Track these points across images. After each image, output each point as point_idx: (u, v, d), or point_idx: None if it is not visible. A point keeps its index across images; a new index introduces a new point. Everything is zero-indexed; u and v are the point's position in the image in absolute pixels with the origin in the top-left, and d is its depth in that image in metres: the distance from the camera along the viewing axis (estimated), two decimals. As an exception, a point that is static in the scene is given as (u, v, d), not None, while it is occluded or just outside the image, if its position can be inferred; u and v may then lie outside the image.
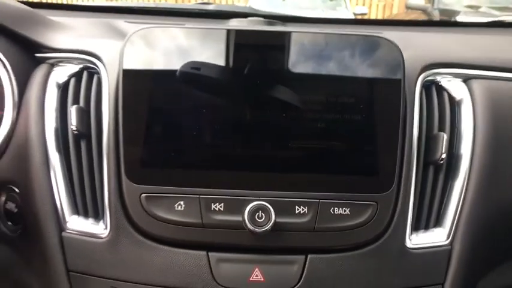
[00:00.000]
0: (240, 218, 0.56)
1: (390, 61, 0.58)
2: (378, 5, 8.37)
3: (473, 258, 0.61)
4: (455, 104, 0.65)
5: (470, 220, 0.61)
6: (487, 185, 0.62)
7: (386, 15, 7.94)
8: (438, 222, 0.62)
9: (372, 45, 0.58)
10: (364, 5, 8.28)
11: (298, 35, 0.58)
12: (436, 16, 4.61)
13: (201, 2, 1.35)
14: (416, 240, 0.60)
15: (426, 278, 0.58)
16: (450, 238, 0.60)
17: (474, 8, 4.73)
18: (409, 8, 5.48)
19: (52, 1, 2.07)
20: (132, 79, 0.58)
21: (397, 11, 7.78)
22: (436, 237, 0.61)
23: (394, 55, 0.58)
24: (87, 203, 0.61)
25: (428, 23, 1.75)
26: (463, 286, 0.59)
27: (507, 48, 0.77)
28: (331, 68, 0.58)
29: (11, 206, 0.66)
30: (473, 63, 0.67)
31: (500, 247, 0.67)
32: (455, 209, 0.61)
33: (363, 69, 0.58)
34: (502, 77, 0.68)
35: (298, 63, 0.58)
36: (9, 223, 0.67)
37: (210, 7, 1.05)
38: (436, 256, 0.60)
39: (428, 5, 5.37)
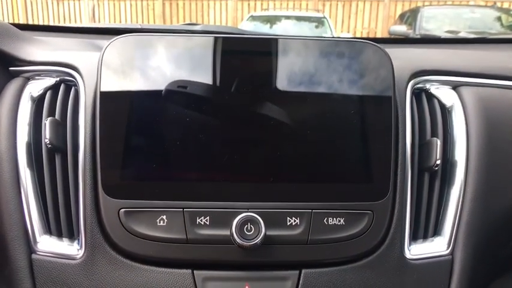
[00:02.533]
0: (227, 232, 0.52)
1: (379, 66, 0.57)
2: (362, 32, 8.63)
3: (476, 268, 0.58)
4: (446, 111, 0.64)
5: (470, 227, 0.58)
6: (485, 190, 0.59)
7: (370, 43, 8.18)
8: (437, 231, 0.59)
9: (360, 51, 0.57)
10: (348, 32, 8.54)
11: (286, 41, 0.56)
12: (418, 41, 4.77)
13: (187, 23, 1.35)
14: (415, 250, 0.57)
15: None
16: (451, 247, 0.57)
17: (454, 33, 4.91)
18: (391, 34, 5.66)
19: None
20: (111, 89, 0.55)
21: (380, 38, 8.02)
22: (435, 247, 0.58)
23: (383, 60, 0.57)
24: (60, 222, 0.56)
25: (413, 40, 1.78)
26: None
27: (493, 59, 0.77)
28: (320, 77, 0.56)
29: None
30: (462, 70, 0.67)
31: (503, 255, 0.64)
32: (453, 216, 0.58)
33: (352, 76, 0.56)
34: (490, 84, 0.67)
35: (285, 71, 0.56)
36: None
37: (197, 27, 1.04)
38: (437, 267, 0.56)
39: (410, 31, 5.55)
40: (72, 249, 0.54)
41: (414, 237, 0.58)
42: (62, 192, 0.57)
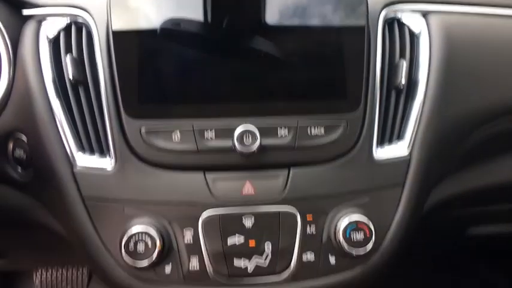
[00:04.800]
0: (230, 143, 0.64)
1: None
2: None
3: (429, 166, 0.71)
4: (414, 37, 0.74)
5: (426, 133, 0.71)
6: (440, 104, 0.72)
7: None
8: (400, 137, 0.72)
9: None
10: None
11: None
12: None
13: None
14: (381, 153, 0.70)
15: (390, 180, 0.69)
16: (409, 149, 0.70)
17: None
18: None
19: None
20: (122, 26, 0.64)
21: None
22: (398, 150, 0.71)
23: None
24: (91, 142, 0.67)
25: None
26: (420, 188, 0.70)
27: None
28: (302, 9, 0.66)
29: (19, 153, 0.72)
30: None
31: (451, 158, 0.78)
32: (413, 124, 0.71)
33: (330, 7, 0.66)
34: (458, 11, 0.77)
35: (270, 6, 0.65)
36: (19, 169, 0.73)
37: None
38: (398, 164, 0.70)
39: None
40: (105, 162, 0.66)
41: (381, 142, 0.71)
42: (89, 118, 0.67)
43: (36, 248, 0.99)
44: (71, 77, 0.67)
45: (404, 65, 0.71)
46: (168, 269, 0.63)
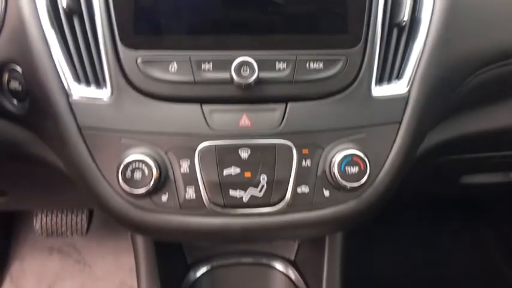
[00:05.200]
0: (227, 75, 0.64)
1: None
2: None
3: (427, 106, 0.71)
4: None
5: (426, 73, 0.70)
6: (442, 44, 0.70)
7: None
8: (399, 76, 0.71)
9: None
10: None
11: None
12: None
13: None
14: (380, 91, 0.70)
15: (387, 117, 0.69)
16: (408, 87, 0.70)
17: None
18: None
19: None
20: None
21: None
22: (397, 89, 0.70)
23: None
24: (87, 73, 0.67)
25: None
26: (416, 127, 0.70)
27: None
28: None
29: (14, 84, 0.71)
30: None
31: (450, 100, 0.78)
32: (414, 63, 0.70)
33: None
34: None
35: None
36: (15, 102, 0.73)
37: None
38: (396, 102, 0.70)
39: None
40: (101, 93, 0.66)
41: (380, 80, 0.70)
42: (84, 48, 0.66)
43: (36, 186, 1.01)
44: (64, 5, 0.65)
45: (408, 1, 0.69)
46: (164, 197, 0.65)
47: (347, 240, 1.01)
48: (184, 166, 0.64)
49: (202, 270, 1.05)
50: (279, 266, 1.06)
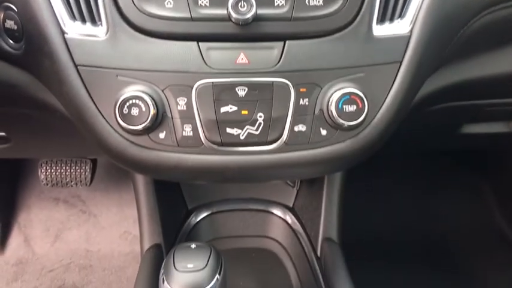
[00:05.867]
0: (224, 11, 0.62)
1: None
2: None
3: (428, 47, 0.70)
4: None
5: (429, 13, 0.68)
6: None
7: None
8: (402, 15, 0.69)
9: None
10: None
11: None
12: None
13: None
14: (381, 30, 0.68)
15: (387, 57, 0.68)
16: (411, 26, 0.68)
17: None
18: None
19: None
20: None
21: None
22: (399, 28, 0.69)
23: None
24: (82, 9, 0.65)
25: None
26: (417, 68, 0.69)
27: None
28: None
29: (10, 23, 0.71)
30: None
31: (452, 43, 0.77)
32: (417, 2, 0.68)
33: None
34: None
35: None
36: (11, 41, 0.72)
37: None
38: (397, 41, 0.68)
39: None
40: (97, 30, 0.65)
41: (382, 19, 0.68)
42: None
43: (39, 133, 1.02)
44: None
45: None
46: (162, 135, 0.65)
47: (345, 188, 1.03)
48: (182, 104, 0.64)
49: (202, 215, 1.08)
50: (277, 211, 1.09)
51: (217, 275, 0.59)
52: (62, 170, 1.57)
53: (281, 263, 1.06)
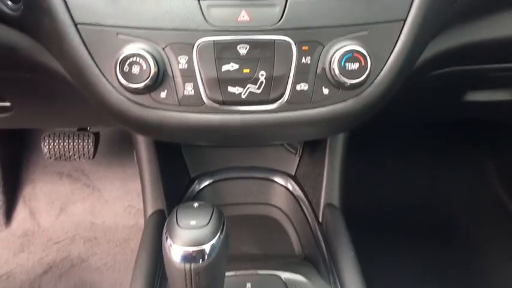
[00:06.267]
0: None
1: None
2: None
3: (431, 7, 0.68)
4: None
5: None
6: None
7: None
8: None
9: None
10: None
11: None
12: None
13: None
14: None
15: (391, 15, 0.67)
16: None
17: None
18: None
19: None
20: None
21: None
22: None
23: None
24: None
25: None
26: (420, 27, 0.68)
27: None
28: None
29: None
30: None
31: (454, 3, 0.75)
32: None
33: None
34: None
35: None
36: (9, 2, 0.72)
37: None
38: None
39: None
40: None
41: None
42: None
43: (41, 101, 1.01)
44: None
45: None
46: (163, 94, 0.65)
47: (347, 155, 1.03)
48: (183, 62, 0.64)
49: (205, 183, 1.09)
50: (279, 179, 1.10)
51: (219, 233, 0.60)
52: (65, 143, 1.58)
53: (283, 229, 1.07)
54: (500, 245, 1.60)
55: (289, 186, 1.08)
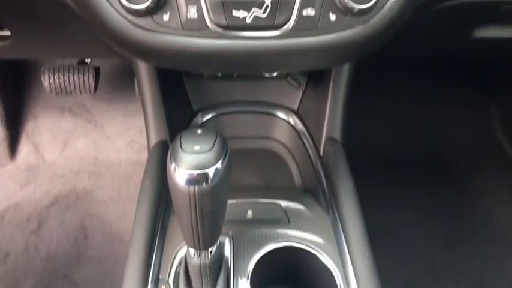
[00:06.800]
0: None
1: None
2: None
3: None
4: None
5: None
6: None
7: None
8: None
9: None
10: None
11: None
12: None
13: None
14: None
15: None
16: None
17: None
18: None
19: None
20: None
21: None
22: None
23: None
24: None
25: None
26: None
27: None
28: None
29: None
30: None
31: None
32: None
33: None
34: None
35: None
36: None
37: None
38: None
39: None
40: None
41: None
42: None
43: (39, 29, 0.98)
44: None
45: None
46: (166, 17, 0.63)
47: (350, 90, 1.02)
48: None
49: (207, 116, 1.09)
50: (281, 114, 1.10)
51: (222, 158, 0.61)
52: (65, 78, 1.56)
53: (284, 163, 1.09)
54: (499, 187, 1.63)
55: (291, 121, 1.08)
